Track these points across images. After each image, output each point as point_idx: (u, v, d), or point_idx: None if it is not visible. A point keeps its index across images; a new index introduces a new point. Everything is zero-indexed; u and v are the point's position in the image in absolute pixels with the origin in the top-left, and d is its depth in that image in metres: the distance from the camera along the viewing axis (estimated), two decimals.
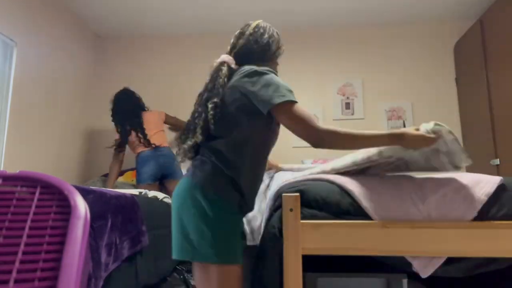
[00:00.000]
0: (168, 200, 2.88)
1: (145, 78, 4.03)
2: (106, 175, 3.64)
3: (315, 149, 3.91)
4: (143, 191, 2.61)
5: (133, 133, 3.22)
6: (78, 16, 3.69)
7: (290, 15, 3.65)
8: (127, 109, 3.31)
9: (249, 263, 1.33)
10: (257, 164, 1.42)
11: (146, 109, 3.42)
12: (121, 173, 3.57)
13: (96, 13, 3.65)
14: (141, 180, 3.10)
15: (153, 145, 3.15)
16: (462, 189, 1.26)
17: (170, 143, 3.37)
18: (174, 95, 3.96)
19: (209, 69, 1.58)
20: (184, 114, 3.92)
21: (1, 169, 2.76)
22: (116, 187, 3.24)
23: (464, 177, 1.31)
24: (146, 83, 3.99)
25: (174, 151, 1.09)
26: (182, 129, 1.45)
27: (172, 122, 3.58)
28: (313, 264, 1.37)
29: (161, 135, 3.25)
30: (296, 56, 3.88)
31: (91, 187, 2.12)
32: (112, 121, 3.35)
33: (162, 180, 3.22)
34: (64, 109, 3.48)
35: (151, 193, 2.73)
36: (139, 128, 3.20)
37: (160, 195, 2.81)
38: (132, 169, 3.57)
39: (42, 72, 3.17)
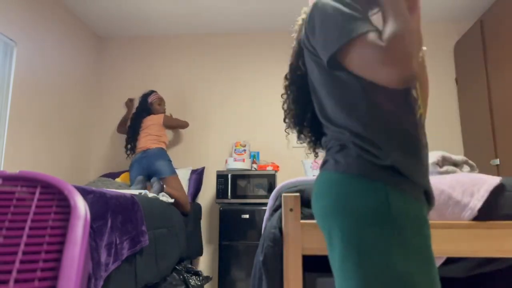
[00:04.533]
0: (166, 198, 2.88)
1: (145, 78, 4.03)
2: (106, 175, 3.64)
3: (315, 150, 3.91)
4: (143, 191, 2.61)
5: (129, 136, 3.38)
6: (78, 16, 3.69)
7: (291, 15, 3.65)
8: (135, 113, 3.48)
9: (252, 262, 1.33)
10: None
11: (154, 112, 3.48)
12: (118, 175, 3.58)
13: (96, 13, 3.65)
14: (131, 184, 3.18)
15: (138, 149, 3.26)
16: (461, 189, 1.26)
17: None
18: (175, 94, 3.96)
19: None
20: (185, 113, 3.93)
21: (1, 169, 2.76)
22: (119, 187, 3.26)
23: (463, 177, 1.31)
24: (147, 83, 3.99)
25: None
26: None
27: (172, 125, 3.58)
28: (313, 264, 1.37)
29: (149, 138, 3.27)
30: None
31: (91, 187, 2.12)
32: None
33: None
34: (64, 109, 3.48)
35: (152, 194, 2.73)
36: (131, 134, 3.35)
37: (160, 195, 2.81)
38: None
39: (42, 72, 3.17)
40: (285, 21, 3.76)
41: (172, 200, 2.91)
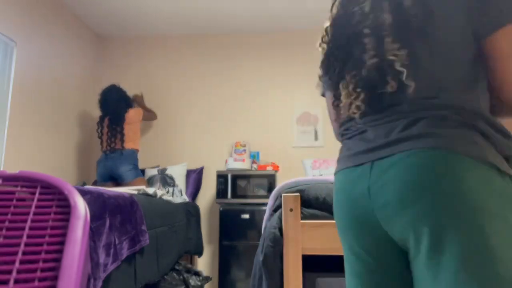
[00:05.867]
0: (166, 197, 2.88)
1: (145, 78, 4.03)
2: None
3: (315, 149, 3.93)
4: (141, 187, 2.60)
5: (106, 130, 3.28)
6: (78, 16, 3.69)
7: (289, 16, 3.65)
8: (111, 100, 3.33)
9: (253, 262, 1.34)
10: None
11: (133, 106, 3.45)
12: None
13: (96, 13, 3.65)
14: (97, 180, 3.28)
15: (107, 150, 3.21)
16: None
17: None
18: (174, 94, 3.96)
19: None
20: (184, 113, 3.93)
21: (1, 169, 2.76)
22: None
23: None
24: (147, 83, 3.99)
25: None
26: None
27: (145, 116, 3.55)
28: (313, 264, 1.37)
29: (126, 136, 3.23)
30: (296, 57, 3.88)
31: (89, 187, 2.12)
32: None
33: (118, 181, 3.24)
34: (64, 109, 3.48)
35: (150, 190, 2.69)
36: (118, 128, 3.23)
37: (159, 192, 2.80)
38: None
39: (42, 72, 3.17)
40: (285, 21, 3.76)
41: (170, 198, 2.91)
